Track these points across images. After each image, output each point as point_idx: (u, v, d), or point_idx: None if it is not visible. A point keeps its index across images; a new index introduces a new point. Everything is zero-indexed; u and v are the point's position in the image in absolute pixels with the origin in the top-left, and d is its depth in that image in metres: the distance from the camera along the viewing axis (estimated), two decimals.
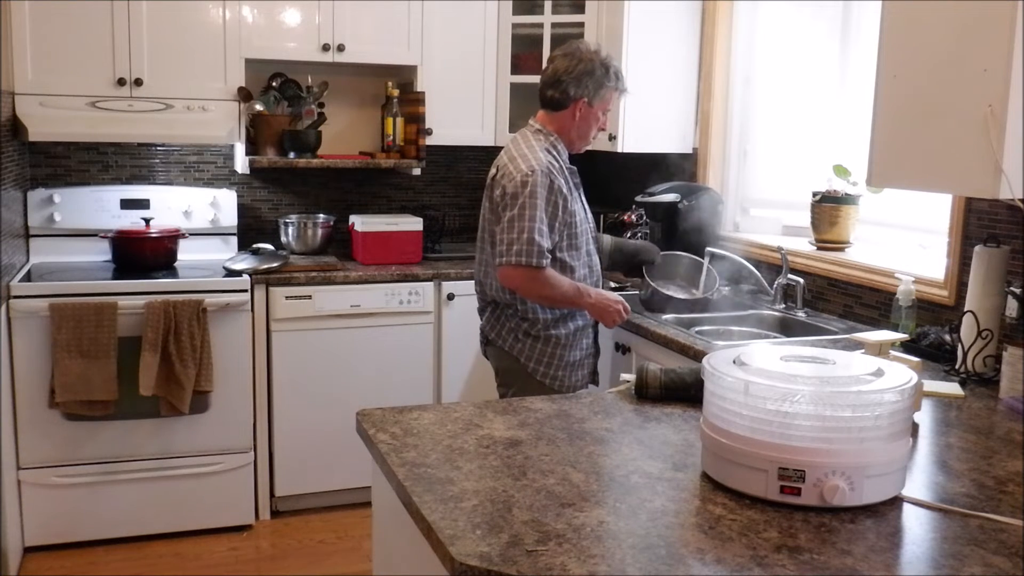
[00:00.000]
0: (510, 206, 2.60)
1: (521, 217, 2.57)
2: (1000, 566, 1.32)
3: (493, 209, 2.69)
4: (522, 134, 2.77)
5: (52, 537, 3.46)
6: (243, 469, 3.65)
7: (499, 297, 2.76)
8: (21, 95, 3.50)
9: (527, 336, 2.73)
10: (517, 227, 2.57)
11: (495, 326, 2.80)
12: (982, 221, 2.57)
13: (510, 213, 2.59)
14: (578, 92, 2.70)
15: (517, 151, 2.69)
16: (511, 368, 2.78)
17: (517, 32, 4.11)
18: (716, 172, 3.87)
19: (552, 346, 2.74)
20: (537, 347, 2.73)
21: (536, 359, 2.74)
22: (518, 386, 2.76)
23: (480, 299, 2.89)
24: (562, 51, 2.75)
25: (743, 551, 1.35)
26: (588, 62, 2.70)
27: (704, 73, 3.87)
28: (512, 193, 2.60)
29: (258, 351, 3.65)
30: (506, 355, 2.78)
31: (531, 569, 1.27)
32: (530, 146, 2.68)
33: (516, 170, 2.62)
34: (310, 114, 4.01)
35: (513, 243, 2.57)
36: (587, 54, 2.72)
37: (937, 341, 2.54)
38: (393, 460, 1.69)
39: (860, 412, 1.48)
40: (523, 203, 2.58)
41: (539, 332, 2.73)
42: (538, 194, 2.58)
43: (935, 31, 2.16)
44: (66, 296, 3.32)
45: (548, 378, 2.75)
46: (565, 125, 2.75)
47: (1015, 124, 1.98)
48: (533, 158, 2.63)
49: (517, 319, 2.74)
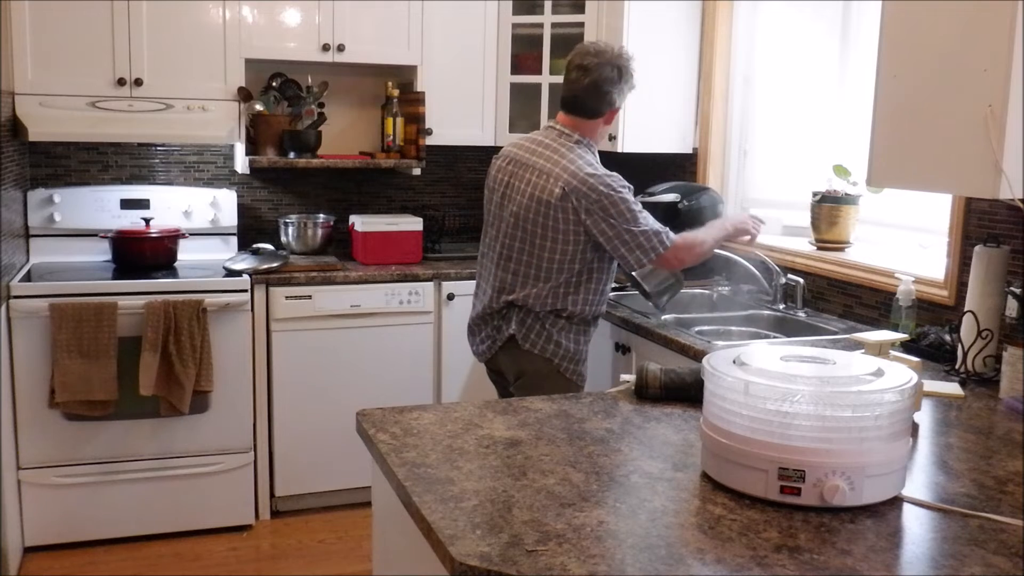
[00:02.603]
0: (613, 216, 2.63)
1: (633, 220, 2.64)
2: (1000, 566, 1.32)
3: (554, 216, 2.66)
4: (561, 143, 2.73)
5: (52, 537, 3.46)
6: (243, 469, 3.65)
7: (544, 305, 2.74)
8: (21, 95, 3.50)
9: (561, 334, 2.76)
10: (637, 229, 2.64)
11: (527, 331, 2.77)
12: (982, 221, 2.57)
13: (619, 221, 2.63)
14: (616, 101, 2.76)
15: (576, 167, 2.66)
16: (541, 371, 2.77)
17: (517, 32, 4.11)
18: (716, 172, 3.87)
19: (583, 342, 2.81)
20: (571, 347, 2.78)
21: (569, 358, 2.78)
22: (547, 387, 2.71)
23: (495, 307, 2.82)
24: (592, 56, 2.73)
25: (743, 551, 1.35)
26: (627, 72, 2.75)
27: (704, 73, 3.87)
28: (611, 205, 2.62)
29: (258, 351, 3.64)
30: (537, 358, 2.77)
31: (531, 569, 1.27)
32: (585, 158, 2.70)
33: (597, 184, 2.63)
34: (310, 114, 4.00)
35: (645, 244, 2.65)
36: (619, 58, 2.74)
37: (937, 341, 2.54)
38: (393, 460, 1.69)
39: (860, 412, 1.48)
40: (622, 208, 2.63)
41: (574, 328, 2.77)
42: (629, 199, 2.65)
43: (935, 31, 2.16)
44: (66, 296, 3.32)
45: (576, 375, 2.81)
46: (596, 130, 2.79)
47: (1015, 124, 1.98)
48: (598, 166, 2.70)
49: (555, 318, 2.75)
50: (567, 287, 2.73)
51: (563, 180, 2.64)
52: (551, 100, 4.07)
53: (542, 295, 2.73)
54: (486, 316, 2.87)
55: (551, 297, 2.73)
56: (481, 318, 2.89)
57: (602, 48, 2.76)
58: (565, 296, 2.74)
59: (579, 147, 2.73)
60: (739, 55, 3.80)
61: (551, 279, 2.72)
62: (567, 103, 2.77)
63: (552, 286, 2.72)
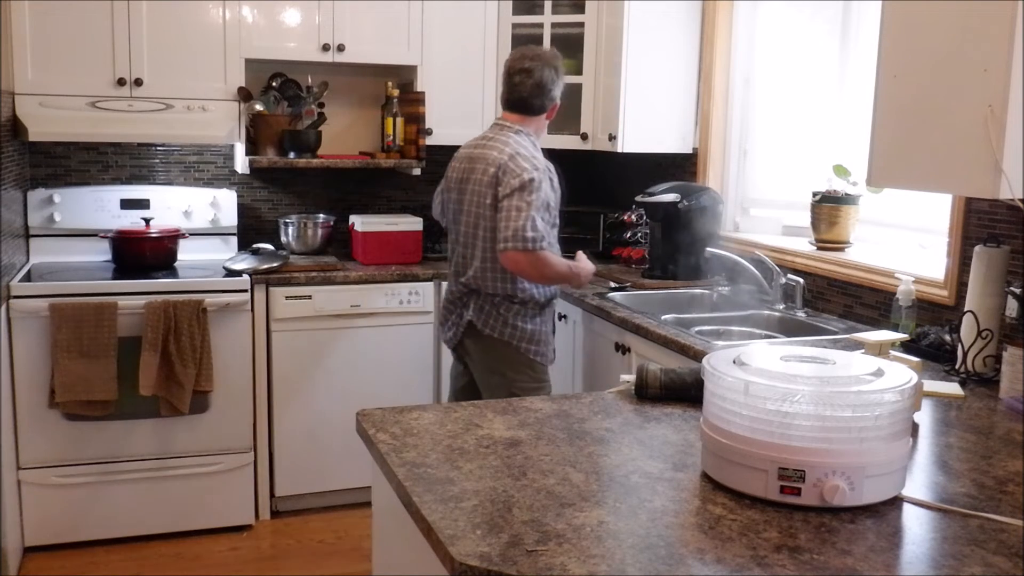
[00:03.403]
0: (516, 197, 2.84)
1: (526, 206, 2.83)
2: (1000, 566, 1.32)
3: (492, 195, 2.90)
4: (506, 135, 3.00)
5: (52, 537, 3.46)
6: (243, 469, 3.65)
7: (492, 287, 2.97)
8: (21, 95, 3.50)
9: (517, 317, 2.98)
10: (523, 215, 2.82)
11: (485, 317, 3.00)
12: (982, 221, 2.57)
13: (514, 202, 2.84)
14: (556, 96, 3.06)
15: (514, 151, 2.93)
16: (503, 354, 3.00)
17: (517, 32, 4.10)
18: (716, 172, 3.87)
19: (540, 324, 3.03)
20: (528, 328, 3.00)
21: (528, 339, 3.00)
22: (512, 370, 3.00)
23: (457, 293, 3.09)
24: (531, 60, 3.02)
25: (743, 551, 1.35)
26: (559, 69, 3.05)
27: (704, 73, 3.86)
28: (519, 187, 2.84)
29: (258, 351, 3.64)
30: (497, 341, 2.99)
31: (531, 569, 1.27)
32: (525, 147, 2.96)
33: (522, 169, 2.87)
34: (310, 114, 4.01)
35: (518, 231, 2.82)
36: (554, 59, 3.06)
37: (937, 341, 2.54)
38: (393, 460, 1.69)
39: (860, 412, 1.48)
40: (527, 195, 2.84)
41: (530, 312, 2.99)
42: (542, 188, 2.87)
43: (935, 31, 2.16)
44: (66, 296, 3.32)
45: (539, 355, 3.03)
46: (540, 126, 3.09)
47: (1015, 124, 1.98)
48: (537, 159, 2.94)
49: (508, 303, 2.98)
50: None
51: (499, 162, 2.91)
52: None
53: (490, 276, 2.96)
54: (449, 304, 3.15)
55: (500, 281, 2.95)
56: (445, 307, 3.17)
57: (537, 52, 3.06)
58: (512, 280, 2.95)
59: (521, 136, 3.00)
60: (739, 55, 3.80)
61: (496, 255, 2.91)
62: (514, 104, 3.04)
63: (499, 266, 2.92)
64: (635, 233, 3.91)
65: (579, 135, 4.04)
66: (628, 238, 3.94)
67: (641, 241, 3.87)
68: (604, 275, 3.68)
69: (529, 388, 2.99)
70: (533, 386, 3.02)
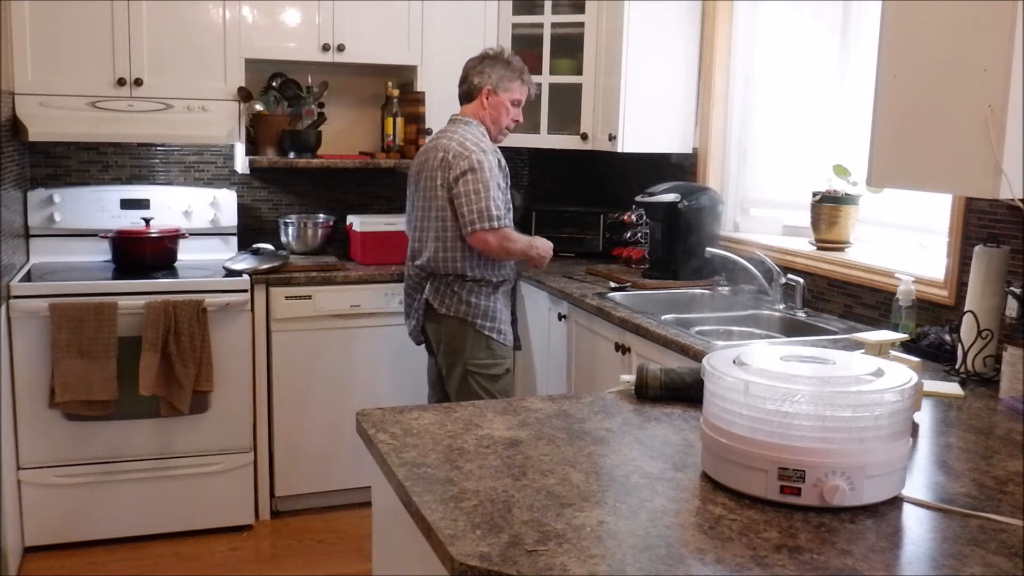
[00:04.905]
0: (471, 181, 3.03)
1: (485, 188, 3.02)
2: (1000, 566, 1.32)
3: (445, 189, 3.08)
4: (455, 126, 3.20)
5: (52, 537, 3.46)
6: (243, 469, 3.65)
7: (445, 268, 3.13)
8: (21, 95, 3.50)
9: (471, 294, 3.14)
10: (483, 196, 3.02)
11: (440, 297, 3.16)
12: (982, 221, 2.57)
13: (474, 186, 3.02)
14: (481, 81, 3.20)
15: (461, 137, 3.12)
16: (459, 332, 3.16)
17: (517, 32, 4.10)
18: (716, 172, 3.87)
19: (493, 301, 3.17)
20: (482, 305, 3.15)
21: (483, 315, 3.15)
22: (469, 347, 3.15)
23: (415, 278, 3.26)
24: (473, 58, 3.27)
25: (743, 551, 1.35)
26: (491, 58, 3.24)
27: (704, 73, 3.86)
28: (470, 168, 3.03)
29: (258, 351, 3.65)
30: (452, 319, 3.16)
31: (531, 569, 1.27)
32: (472, 133, 3.15)
33: (469, 152, 3.06)
34: (310, 114, 4.00)
35: (482, 212, 3.02)
36: (490, 52, 3.27)
37: (937, 341, 2.53)
38: (393, 460, 1.69)
39: (860, 412, 1.48)
40: (480, 178, 3.03)
41: (483, 290, 3.15)
42: (488, 169, 3.05)
43: (935, 31, 2.16)
44: (66, 296, 3.32)
45: (496, 332, 3.17)
46: (478, 113, 3.22)
47: (1015, 124, 1.98)
48: (483, 143, 3.13)
49: (461, 281, 3.13)
50: (463, 250, 3.10)
51: (447, 147, 3.10)
52: (551, 100, 4.07)
53: (442, 257, 3.12)
54: (408, 291, 3.32)
55: (452, 261, 3.11)
56: (406, 294, 3.35)
57: (486, 50, 3.30)
58: (464, 260, 3.11)
59: (470, 127, 3.18)
60: (739, 55, 3.80)
61: (446, 236, 3.10)
62: (459, 98, 3.29)
63: (449, 246, 3.10)
64: (635, 233, 3.91)
65: (579, 135, 4.03)
66: (628, 238, 3.94)
67: (641, 241, 3.87)
68: (604, 275, 3.68)
69: (486, 365, 3.15)
70: (489, 362, 3.16)
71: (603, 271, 3.75)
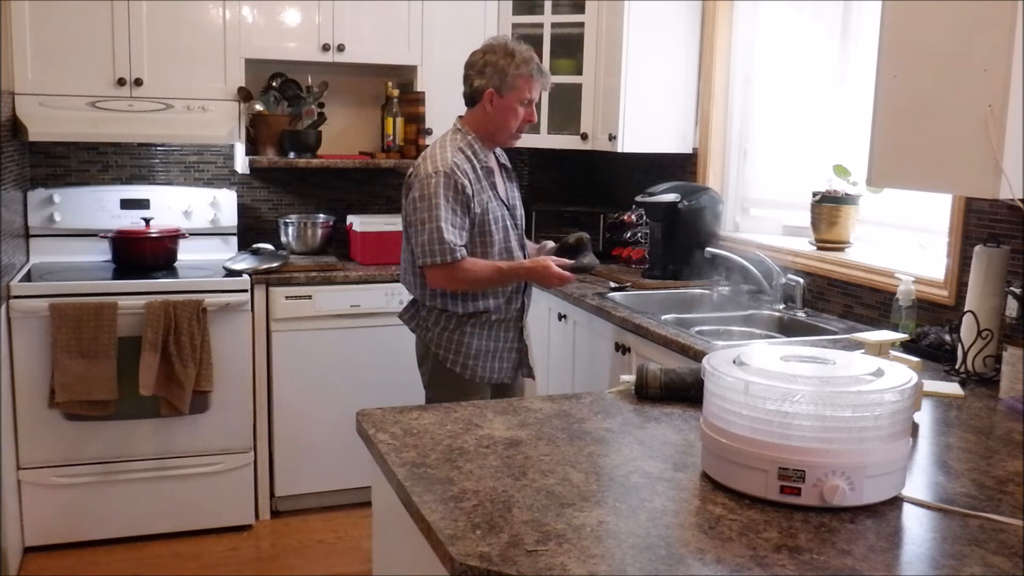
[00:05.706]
0: (419, 208, 2.68)
1: (429, 219, 2.66)
2: (1000, 566, 1.32)
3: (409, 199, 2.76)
4: (446, 135, 2.84)
5: (52, 537, 3.46)
6: (243, 469, 3.65)
7: (410, 290, 2.88)
8: (21, 95, 3.50)
9: (436, 325, 2.83)
10: (428, 228, 2.66)
11: (412, 316, 2.91)
12: (982, 221, 2.57)
13: (420, 215, 2.68)
14: (482, 83, 2.78)
15: (430, 151, 2.78)
16: (424, 355, 2.90)
17: (517, 32, 4.10)
18: (716, 172, 3.87)
19: (459, 334, 2.82)
20: (444, 335, 2.82)
21: (444, 347, 2.83)
22: (429, 373, 2.89)
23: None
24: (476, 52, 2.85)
25: (743, 551, 1.35)
26: (490, 53, 2.79)
27: (704, 73, 3.86)
28: (420, 195, 2.68)
29: (258, 351, 3.65)
30: (419, 342, 2.91)
31: (531, 569, 1.27)
32: (443, 146, 2.76)
33: (424, 171, 2.71)
34: (310, 114, 4.00)
35: (426, 244, 2.66)
36: (490, 46, 2.82)
37: (937, 341, 2.54)
38: (393, 460, 1.69)
39: (860, 412, 1.48)
40: (429, 203, 2.66)
41: (448, 322, 2.82)
42: (440, 193, 2.66)
43: (935, 31, 2.16)
44: (66, 296, 3.32)
45: (458, 366, 2.83)
46: (479, 119, 2.82)
47: (1015, 124, 1.98)
48: (440, 159, 2.71)
49: (428, 310, 2.84)
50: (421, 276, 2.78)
51: (418, 166, 2.76)
52: (551, 100, 4.07)
53: (406, 279, 2.86)
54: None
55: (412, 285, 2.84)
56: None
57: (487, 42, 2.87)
58: (423, 288, 2.80)
59: (454, 139, 2.79)
60: (739, 55, 3.80)
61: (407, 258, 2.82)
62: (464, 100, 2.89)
63: (409, 269, 2.82)
64: (635, 233, 3.91)
65: (579, 135, 4.03)
66: (628, 238, 3.94)
67: (641, 241, 3.87)
68: (604, 275, 3.68)
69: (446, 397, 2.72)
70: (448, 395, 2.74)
71: (603, 271, 3.75)
